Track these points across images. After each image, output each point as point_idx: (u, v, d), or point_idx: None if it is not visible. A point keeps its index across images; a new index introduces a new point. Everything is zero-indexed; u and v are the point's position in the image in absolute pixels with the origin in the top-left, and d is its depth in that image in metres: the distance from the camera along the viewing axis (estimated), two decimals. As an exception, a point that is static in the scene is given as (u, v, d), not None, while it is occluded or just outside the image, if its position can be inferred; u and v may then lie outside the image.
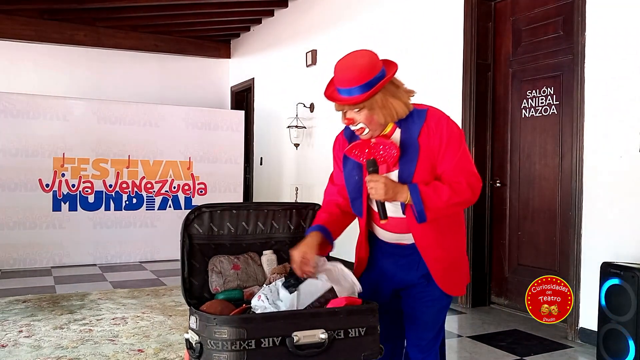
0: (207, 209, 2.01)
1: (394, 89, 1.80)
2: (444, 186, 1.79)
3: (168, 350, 3.33)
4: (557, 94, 4.08)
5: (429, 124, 1.83)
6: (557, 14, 4.07)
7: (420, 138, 1.82)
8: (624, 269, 3.06)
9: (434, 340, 2.00)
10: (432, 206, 1.77)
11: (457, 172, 1.82)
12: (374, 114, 1.78)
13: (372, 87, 1.74)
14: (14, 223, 6.01)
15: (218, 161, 7.06)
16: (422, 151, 1.82)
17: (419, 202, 1.77)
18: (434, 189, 1.78)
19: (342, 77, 1.76)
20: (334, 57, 6.23)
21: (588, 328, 3.56)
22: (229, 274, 1.96)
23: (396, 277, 1.98)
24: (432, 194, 1.77)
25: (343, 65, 1.77)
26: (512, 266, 4.44)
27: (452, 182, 1.80)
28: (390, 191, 1.77)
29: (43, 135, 6.09)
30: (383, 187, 1.77)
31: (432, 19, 4.87)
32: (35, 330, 3.69)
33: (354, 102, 1.76)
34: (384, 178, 1.78)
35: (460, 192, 1.79)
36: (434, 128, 1.82)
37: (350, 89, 1.75)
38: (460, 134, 1.86)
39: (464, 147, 1.86)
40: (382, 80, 1.75)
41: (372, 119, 1.79)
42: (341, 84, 1.77)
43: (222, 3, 7.19)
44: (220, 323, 1.60)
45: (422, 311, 1.97)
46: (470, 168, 1.85)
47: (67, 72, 8.26)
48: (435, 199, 1.77)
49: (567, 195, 3.90)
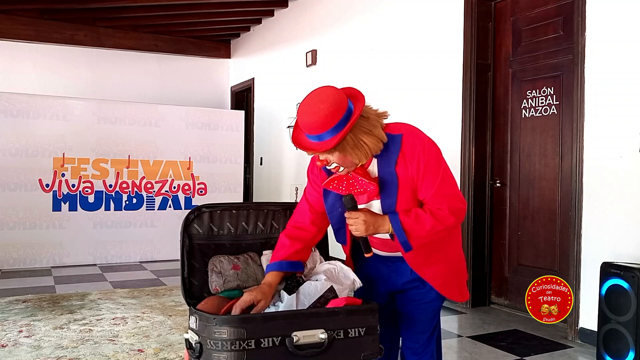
0: (207, 209, 2.01)
1: (364, 123, 1.70)
2: (425, 214, 1.75)
3: (168, 350, 3.33)
4: (557, 94, 4.08)
5: (405, 152, 1.76)
6: (557, 14, 4.07)
7: (397, 168, 1.77)
8: (624, 269, 3.06)
9: (428, 341, 2.00)
10: (415, 235, 1.75)
11: (438, 198, 1.76)
12: (347, 155, 1.71)
13: (340, 129, 1.65)
14: (14, 223, 6.01)
15: (218, 161, 7.07)
16: (400, 181, 1.78)
17: (401, 233, 1.74)
18: (415, 218, 1.75)
19: (307, 123, 1.66)
20: (334, 57, 6.27)
21: (588, 328, 3.56)
22: (228, 274, 1.96)
23: (390, 280, 1.98)
24: (414, 224, 1.74)
25: (307, 111, 1.66)
26: (512, 266, 4.44)
27: (434, 209, 1.75)
28: (371, 227, 1.75)
29: (43, 135, 6.09)
30: (363, 224, 1.74)
31: (432, 19, 4.87)
32: (35, 330, 3.69)
33: (323, 148, 1.67)
34: (363, 215, 1.75)
35: (442, 220, 1.75)
36: (410, 156, 1.76)
37: (318, 135, 1.66)
38: (437, 156, 1.79)
39: (444, 169, 1.79)
40: (351, 120, 1.66)
41: (345, 159, 1.72)
42: (308, 130, 1.68)
43: (222, 3, 7.19)
44: (220, 323, 1.60)
45: (417, 313, 1.97)
46: (451, 192, 1.79)
47: (67, 72, 8.26)
48: (417, 228, 1.74)
49: (567, 195, 3.90)
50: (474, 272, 4.48)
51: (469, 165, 4.48)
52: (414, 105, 4.92)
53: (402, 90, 5.07)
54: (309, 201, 1.96)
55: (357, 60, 5.80)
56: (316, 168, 1.92)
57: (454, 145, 4.53)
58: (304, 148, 1.73)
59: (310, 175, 1.97)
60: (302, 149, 1.74)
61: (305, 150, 1.73)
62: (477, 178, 4.50)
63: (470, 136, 4.48)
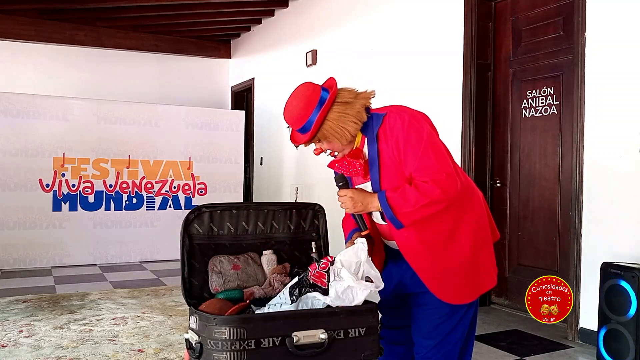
0: (207, 209, 2.01)
1: (340, 107, 1.81)
2: (410, 188, 1.75)
3: (168, 350, 3.33)
4: (557, 94, 4.08)
5: (385, 129, 1.82)
6: (557, 14, 4.07)
7: (379, 144, 1.83)
8: (624, 269, 3.06)
9: (436, 349, 1.92)
10: (401, 211, 1.75)
11: (422, 171, 1.76)
12: (331, 140, 1.84)
13: (312, 124, 1.80)
14: (14, 223, 6.01)
15: (218, 161, 7.07)
16: (382, 157, 1.83)
17: (387, 209, 1.77)
18: (401, 193, 1.76)
19: (287, 120, 1.87)
20: (334, 57, 6.27)
21: (588, 328, 3.56)
22: (229, 274, 1.96)
23: (397, 281, 1.98)
24: (399, 198, 1.75)
25: (286, 109, 1.87)
26: (512, 266, 4.44)
27: (419, 183, 1.75)
28: (359, 203, 1.82)
29: (43, 135, 6.09)
30: (350, 200, 1.82)
31: (432, 19, 4.87)
32: (35, 330, 3.69)
33: (304, 141, 1.85)
34: (351, 192, 1.83)
35: (426, 193, 1.73)
36: (389, 132, 1.80)
37: (299, 129, 1.84)
38: (418, 130, 1.79)
39: (428, 143, 1.78)
40: (322, 108, 1.79)
41: (332, 144, 1.86)
42: (292, 125, 1.87)
43: (222, 3, 7.19)
44: (220, 323, 1.60)
45: (420, 317, 1.95)
46: (434, 165, 1.76)
47: (67, 72, 8.26)
48: (402, 203, 1.75)
49: (567, 195, 3.90)
50: (474, 272, 4.48)
51: (469, 165, 4.48)
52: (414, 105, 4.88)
53: (402, 90, 5.07)
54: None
55: (357, 60, 5.80)
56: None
57: (454, 145, 4.53)
58: (295, 141, 1.90)
59: None
60: (295, 143, 1.91)
61: (297, 143, 1.89)
62: (477, 178, 4.50)
63: (470, 136, 4.48)
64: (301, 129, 1.83)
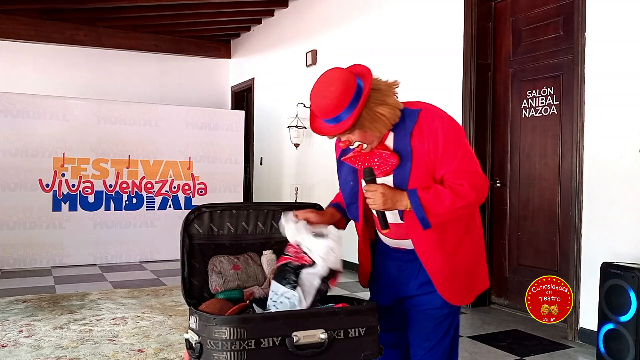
0: (207, 209, 2.01)
1: (377, 95, 1.71)
2: (445, 190, 1.72)
3: (168, 350, 3.33)
4: (557, 94, 4.08)
5: (421, 127, 1.75)
6: (557, 14, 4.07)
7: (412, 141, 1.75)
8: (624, 269, 3.06)
9: (434, 350, 1.92)
10: (434, 212, 1.71)
11: (458, 174, 1.73)
12: (367, 130, 1.71)
13: (354, 107, 1.66)
14: (14, 223, 6.01)
15: (218, 161, 7.06)
16: (415, 155, 1.75)
17: (419, 209, 1.71)
18: (435, 193, 1.71)
19: (321, 107, 1.68)
20: (334, 57, 6.27)
21: (588, 328, 3.56)
22: (228, 274, 1.96)
23: (396, 284, 1.95)
24: (433, 199, 1.71)
25: (319, 96, 1.69)
26: (512, 266, 4.44)
27: (454, 185, 1.72)
28: (389, 201, 1.72)
29: (43, 135, 6.09)
30: (381, 197, 1.72)
31: (432, 19, 4.87)
32: (35, 330, 3.69)
33: (342, 129, 1.68)
34: (382, 187, 1.72)
35: (463, 195, 1.71)
36: (427, 131, 1.74)
37: (334, 118, 1.68)
38: (458, 133, 1.76)
39: (465, 147, 1.76)
40: (362, 96, 1.67)
41: (366, 135, 1.72)
42: (323, 115, 1.69)
43: (222, 3, 7.19)
44: (220, 323, 1.60)
45: (420, 319, 1.92)
46: (472, 168, 1.76)
47: (67, 72, 8.27)
48: (436, 204, 1.71)
49: (567, 195, 3.90)
50: (474, 272, 4.48)
51: (469, 165, 4.47)
52: (414, 105, 4.91)
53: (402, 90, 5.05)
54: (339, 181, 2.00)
55: (357, 60, 5.77)
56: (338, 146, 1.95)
57: (454, 145, 4.52)
58: (324, 133, 1.73)
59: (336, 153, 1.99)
60: (322, 135, 1.74)
61: (326, 135, 1.73)
62: (477, 178, 4.50)
63: (470, 136, 4.47)
64: (335, 118, 1.68)
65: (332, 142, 2.07)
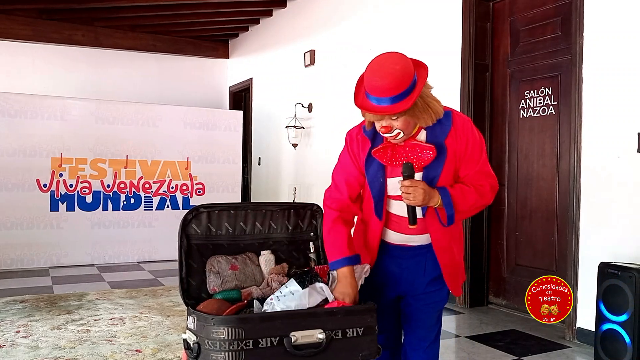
0: (205, 209, 2.01)
1: (428, 90, 1.77)
2: (470, 189, 1.82)
3: (166, 350, 3.32)
4: (555, 94, 4.08)
5: (457, 127, 1.82)
6: (555, 14, 4.07)
7: (447, 141, 1.81)
8: (621, 269, 3.06)
9: (436, 339, 2.02)
10: (461, 209, 1.80)
11: (480, 175, 1.85)
12: (415, 118, 1.74)
13: (412, 90, 1.68)
14: (12, 223, 6.00)
15: (216, 161, 7.06)
16: (449, 154, 1.81)
17: (450, 206, 1.78)
18: (461, 192, 1.80)
19: (382, 85, 1.66)
20: (332, 57, 6.27)
21: (586, 328, 3.56)
22: (226, 274, 1.96)
23: (402, 282, 1.95)
24: (461, 197, 1.80)
25: (381, 74, 1.67)
26: (510, 266, 4.45)
27: (477, 185, 1.83)
28: (427, 197, 1.75)
29: (41, 135, 6.08)
30: (422, 193, 1.74)
31: (430, 19, 4.88)
32: (32, 331, 3.68)
33: (400, 109, 1.67)
34: (422, 183, 1.75)
35: (484, 195, 1.84)
36: (461, 131, 1.82)
37: (392, 97, 1.67)
38: (481, 137, 1.89)
39: (485, 150, 1.90)
40: (419, 82, 1.70)
41: (408, 124, 1.74)
42: (382, 92, 1.67)
43: (221, 3, 7.19)
44: (218, 323, 1.60)
45: (428, 313, 1.97)
46: (491, 171, 1.89)
47: (65, 72, 8.25)
48: (463, 202, 1.80)
49: (565, 196, 3.90)
50: (472, 272, 4.48)
51: (467, 165, 4.48)
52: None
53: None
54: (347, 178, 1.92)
55: (356, 60, 5.80)
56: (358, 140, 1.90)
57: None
58: (377, 111, 1.70)
59: (353, 149, 1.91)
60: (373, 113, 1.72)
61: (378, 113, 1.70)
62: (475, 178, 4.50)
63: (468, 136, 4.47)
64: (393, 97, 1.66)
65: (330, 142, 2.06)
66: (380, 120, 1.74)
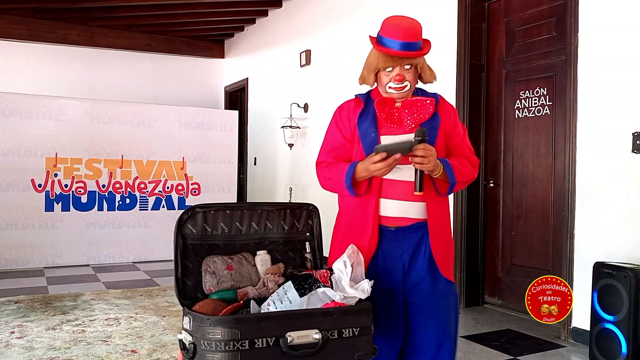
0: (201, 209, 2.00)
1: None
2: (464, 160, 1.91)
3: (161, 350, 3.32)
4: (550, 94, 4.10)
5: (444, 102, 2.00)
6: (550, 14, 4.08)
7: (439, 109, 1.93)
8: (616, 268, 3.08)
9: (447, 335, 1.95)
10: (459, 180, 1.87)
11: (464, 147, 1.97)
12: (422, 72, 1.93)
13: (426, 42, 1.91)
14: (6, 223, 5.97)
15: (212, 161, 7.05)
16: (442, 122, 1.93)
17: (452, 176, 1.84)
18: (459, 163, 1.88)
19: (407, 29, 1.86)
20: (328, 57, 6.27)
21: (581, 328, 3.58)
22: (222, 274, 1.96)
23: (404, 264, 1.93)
24: (459, 167, 1.87)
25: (403, 21, 1.90)
26: (505, 266, 4.46)
27: (467, 157, 1.93)
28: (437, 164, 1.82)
29: (36, 135, 6.06)
30: (434, 159, 1.79)
31: (426, 19, 4.85)
32: (27, 331, 3.67)
33: (420, 54, 1.88)
34: (434, 149, 1.80)
35: (475, 166, 1.95)
36: (446, 107, 1.98)
37: (414, 43, 1.85)
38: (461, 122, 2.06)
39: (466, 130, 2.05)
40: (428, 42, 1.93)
41: (414, 78, 1.91)
42: (407, 36, 1.85)
43: (216, 3, 7.18)
44: (214, 323, 1.60)
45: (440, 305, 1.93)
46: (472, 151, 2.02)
47: (60, 72, 8.22)
48: (461, 172, 1.87)
49: (560, 196, 3.92)
50: (467, 271, 4.50)
51: (463, 165, 4.49)
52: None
53: (396, 91, 5.07)
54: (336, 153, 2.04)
55: (352, 60, 5.80)
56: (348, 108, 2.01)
57: (447, 145, 4.53)
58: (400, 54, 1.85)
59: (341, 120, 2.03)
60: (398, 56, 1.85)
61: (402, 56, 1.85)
62: (471, 178, 4.51)
63: (463, 136, 4.48)
64: (415, 43, 1.86)
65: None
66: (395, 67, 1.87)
